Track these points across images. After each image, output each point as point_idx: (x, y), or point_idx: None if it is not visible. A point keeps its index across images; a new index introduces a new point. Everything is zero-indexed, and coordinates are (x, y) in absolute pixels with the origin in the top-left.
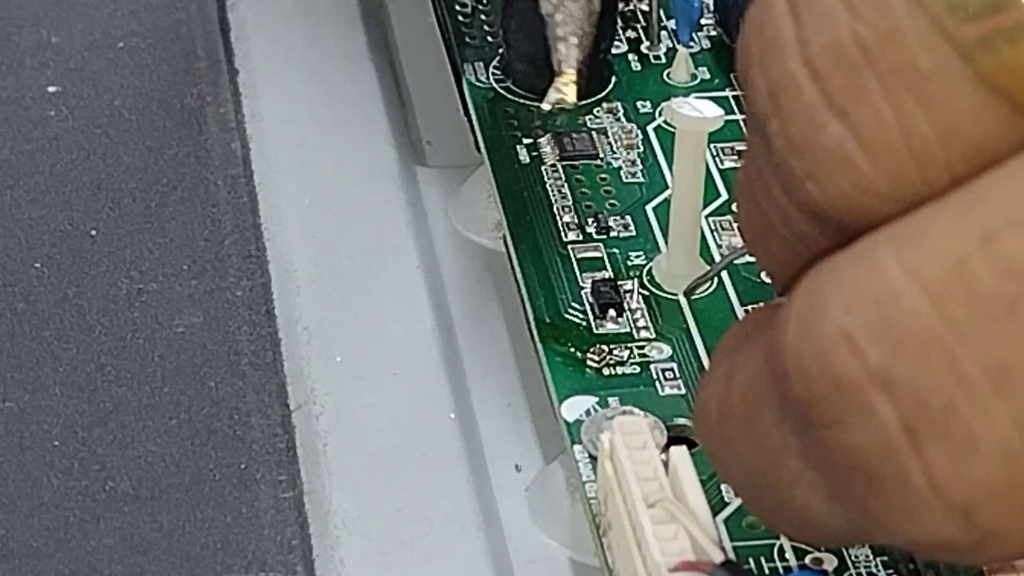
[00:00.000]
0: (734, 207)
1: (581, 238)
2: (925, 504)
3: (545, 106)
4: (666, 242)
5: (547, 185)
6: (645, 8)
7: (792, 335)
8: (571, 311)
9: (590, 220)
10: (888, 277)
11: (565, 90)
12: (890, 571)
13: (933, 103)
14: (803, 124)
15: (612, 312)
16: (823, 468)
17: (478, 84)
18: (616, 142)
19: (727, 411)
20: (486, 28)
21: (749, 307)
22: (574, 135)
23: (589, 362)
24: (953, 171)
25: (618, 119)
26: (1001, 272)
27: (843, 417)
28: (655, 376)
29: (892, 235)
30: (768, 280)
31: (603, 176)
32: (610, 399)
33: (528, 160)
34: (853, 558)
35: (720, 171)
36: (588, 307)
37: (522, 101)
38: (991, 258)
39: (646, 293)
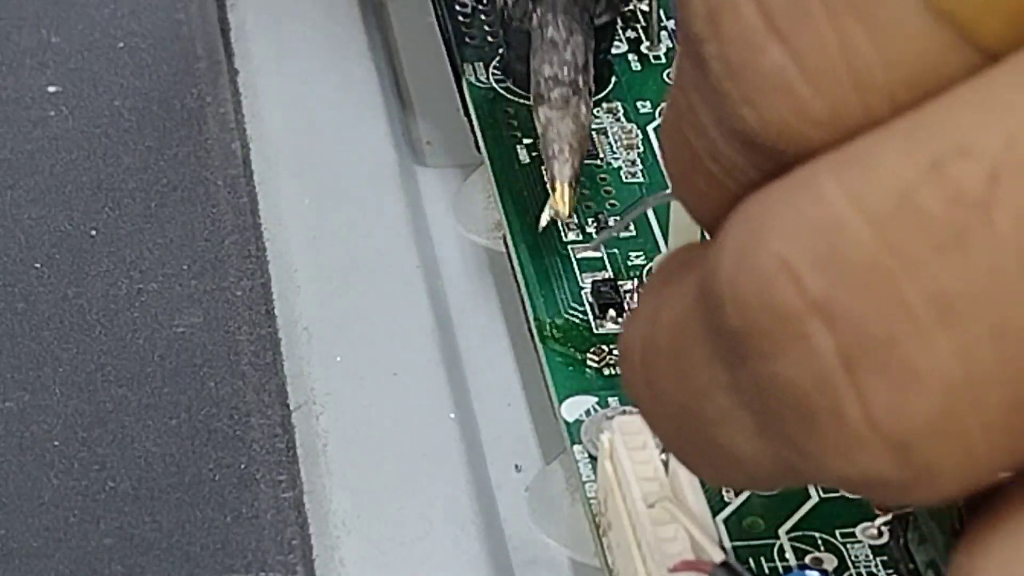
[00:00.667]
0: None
1: (581, 238)
2: (860, 439)
3: (542, 223)
4: (666, 242)
5: (547, 185)
6: (645, 8)
7: (728, 264)
8: (571, 311)
9: (590, 220)
10: (830, 204)
11: (559, 205)
12: (890, 571)
13: (877, 27)
14: (742, 47)
15: (612, 312)
16: (754, 405)
17: (478, 84)
18: (616, 142)
19: (652, 350)
20: (486, 28)
21: None
22: None
23: (589, 362)
24: (895, 99)
25: (618, 119)
26: (949, 201)
27: (779, 348)
28: None
29: (835, 162)
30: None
31: (603, 176)
32: (610, 399)
33: (528, 160)
34: (853, 558)
35: None
36: (588, 307)
37: (522, 101)
38: (939, 186)
39: None
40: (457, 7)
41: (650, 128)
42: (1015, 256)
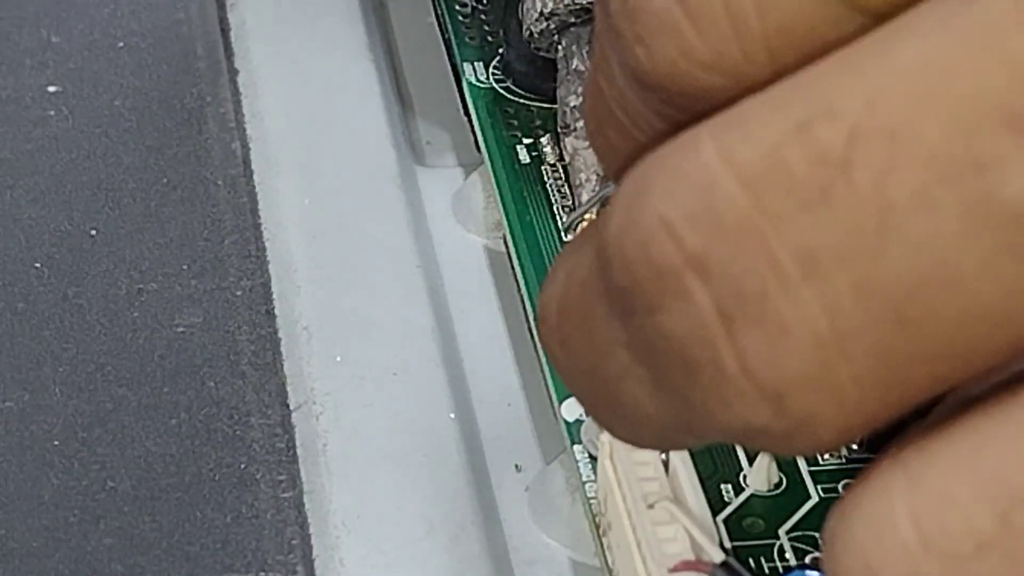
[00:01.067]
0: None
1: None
2: (739, 390)
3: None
4: None
5: (547, 185)
6: None
7: (615, 223)
8: None
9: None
10: (706, 164)
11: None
12: None
13: None
14: None
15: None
16: (646, 358)
17: (478, 84)
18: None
19: (564, 310)
20: (486, 28)
21: None
22: None
23: None
24: (769, 44)
25: None
26: (814, 160)
27: (661, 302)
28: None
29: (714, 124)
30: None
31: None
32: None
33: (528, 160)
34: None
35: None
36: None
37: (522, 101)
38: (804, 146)
39: None
40: (457, 7)
41: None
42: (873, 213)
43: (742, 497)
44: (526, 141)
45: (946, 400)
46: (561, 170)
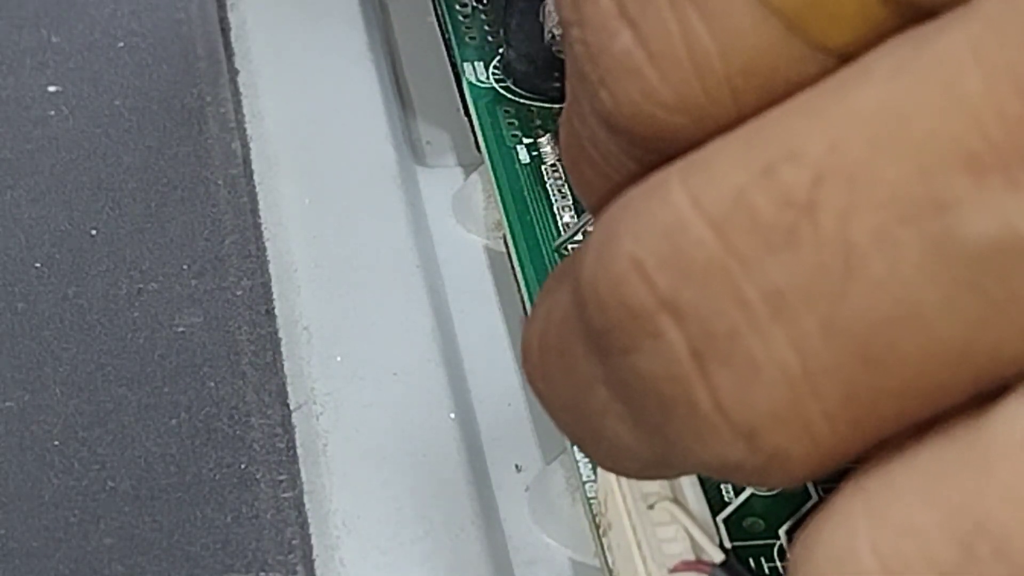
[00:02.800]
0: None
1: (581, 238)
2: (713, 427)
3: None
4: None
5: (547, 185)
6: None
7: (588, 265)
8: None
9: (591, 220)
10: (675, 207)
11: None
12: None
13: (713, 17)
14: (599, 31)
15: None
16: (624, 396)
17: (478, 84)
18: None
19: (546, 347)
20: (486, 28)
21: None
22: None
23: None
24: (733, 85)
25: None
26: (778, 202)
27: (635, 343)
28: None
29: (683, 166)
30: None
31: None
32: None
33: (528, 160)
34: None
35: None
36: None
37: (522, 101)
38: (770, 189)
39: None
40: (457, 7)
41: None
42: (837, 254)
43: (742, 497)
44: (526, 141)
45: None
46: (561, 170)
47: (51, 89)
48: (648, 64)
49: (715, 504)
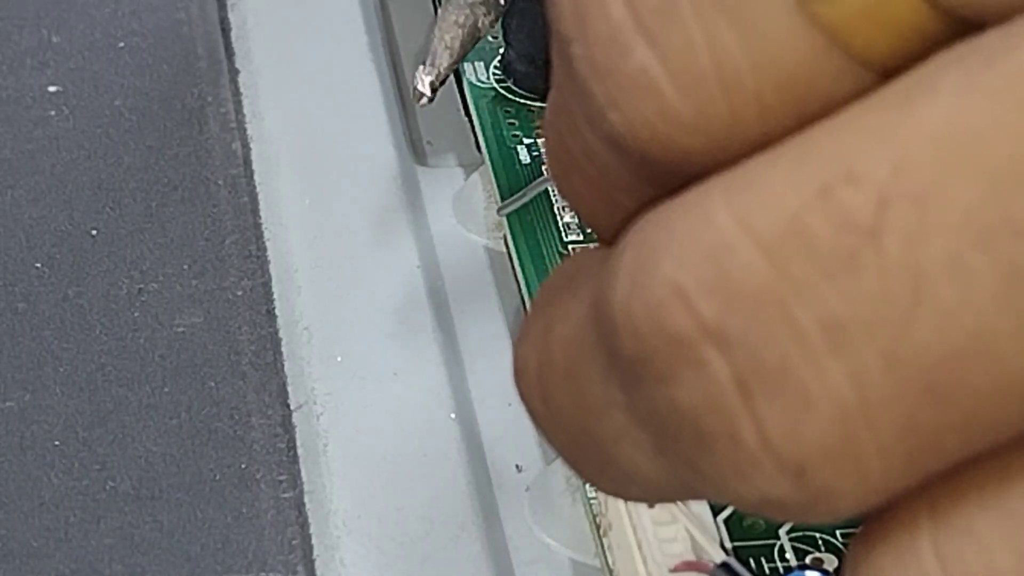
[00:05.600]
0: (540, 142)
1: (581, 238)
2: (756, 463)
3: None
4: None
5: (548, 185)
6: None
7: (621, 289)
8: None
9: None
10: (721, 229)
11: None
12: None
13: (747, 29)
14: (608, 47)
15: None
16: (651, 425)
17: (478, 84)
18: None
19: (548, 366)
20: None
21: None
22: None
23: None
24: (763, 102)
25: None
26: (837, 226)
27: (675, 374)
28: None
29: (725, 184)
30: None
31: None
32: None
33: (528, 160)
34: None
35: None
36: None
37: (522, 101)
38: (827, 212)
39: None
40: None
41: None
42: (904, 282)
43: None
44: (526, 141)
45: None
46: None
47: (51, 89)
48: (667, 81)
49: (715, 504)
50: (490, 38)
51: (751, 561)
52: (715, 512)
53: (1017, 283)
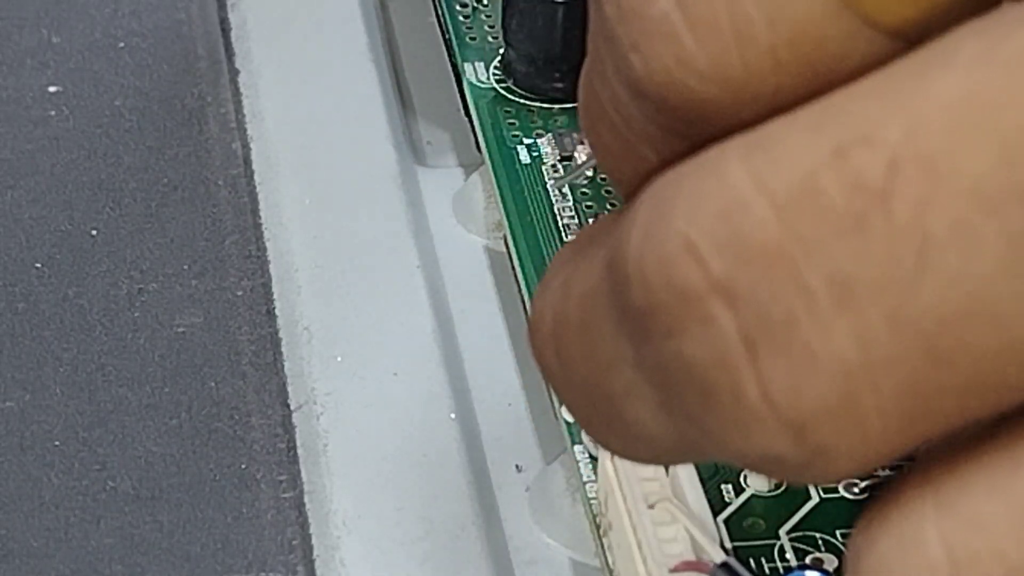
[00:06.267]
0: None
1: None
2: (758, 418)
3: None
4: None
5: (547, 185)
6: None
7: (635, 242)
8: None
9: (591, 220)
10: (735, 187)
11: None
12: None
13: None
14: None
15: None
16: (657, 380)
17: (478, 84)
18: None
19: (563, 321)
20: (486, 28)
21: None
22: (575, 135)
23: None
24: (775, 57)
25: None
26: (849, 187)
27: (682, 327)
28: None
29: (742, 144)
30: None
31: (604, 176)
32: None
33: (528, 160)
34: None
35: None
36: None
37: (522, 101)
38: (841, 172)
39: None
40: (457, 7)
41: None
42: (911, 244)
43: (743, 497)
44: (526, 141)
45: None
46: (562, 170)
47: (51, 89)
48: (686, 29)
49: (716, 504)
50: (490, 38)
51: (751, 561)
52: (715, 512)
53: (1022, 249)
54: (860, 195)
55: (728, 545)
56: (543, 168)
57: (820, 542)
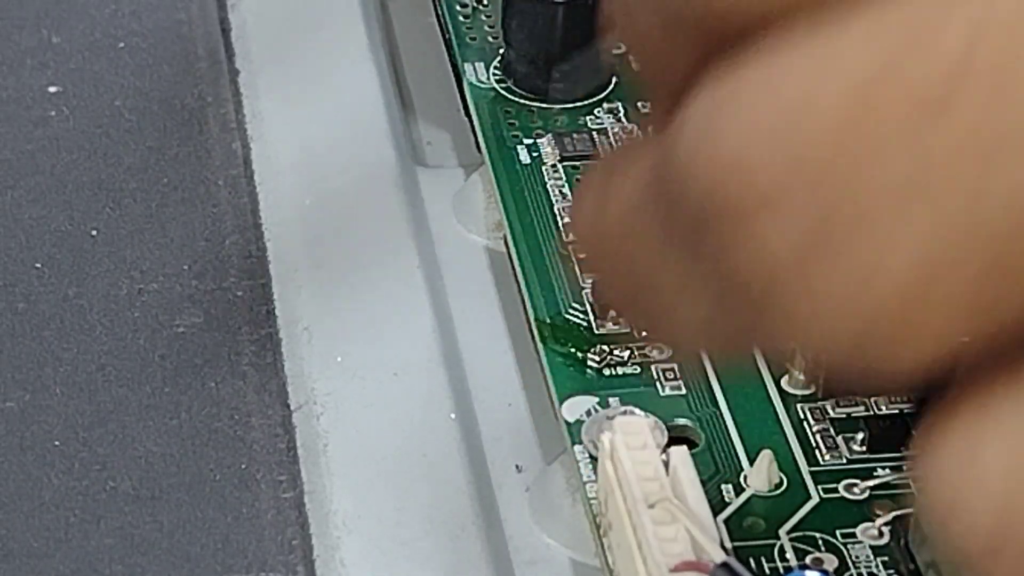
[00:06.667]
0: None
1: None
2: (809, 332)
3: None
4: None
5: (547, 185)
6: None
7: (686, 148)
8: (571, 311)
9: None
10: (791, 95)
11: None
12: (891, 572)
13: None
14: None
15: (612, 312)
16: (714, 283)
17: (478, 84)
18: (617, 143)
19: (605, 226)
20: (486, 28)
21: None
22: (575, 135)
23: (589, 362)
24: None
25: (618, 119)
26: (908, 96)
27: (733, 240)
28: (655, 376)
29: (796, 46)
30: None
31: None
32: (610, 399)
33: (528, 160)
34: (854, 558)
35: None
36: (588, 307)
37: (522, 101)
38: (898, 80)
39: None
40: (457, 7)
41: None
42: (974, 154)
43: (743, 497)
44: (526, 141)
45: None
46: (561, 170)
47: (51, 89)
48: None
49: (715, 504)
50: (490, 38)
51: (751, 561)
52: (715, 512)
53: None
54: (921, 103)
55: (728, 545)
56: (543, 168)
57: (820, 542)
